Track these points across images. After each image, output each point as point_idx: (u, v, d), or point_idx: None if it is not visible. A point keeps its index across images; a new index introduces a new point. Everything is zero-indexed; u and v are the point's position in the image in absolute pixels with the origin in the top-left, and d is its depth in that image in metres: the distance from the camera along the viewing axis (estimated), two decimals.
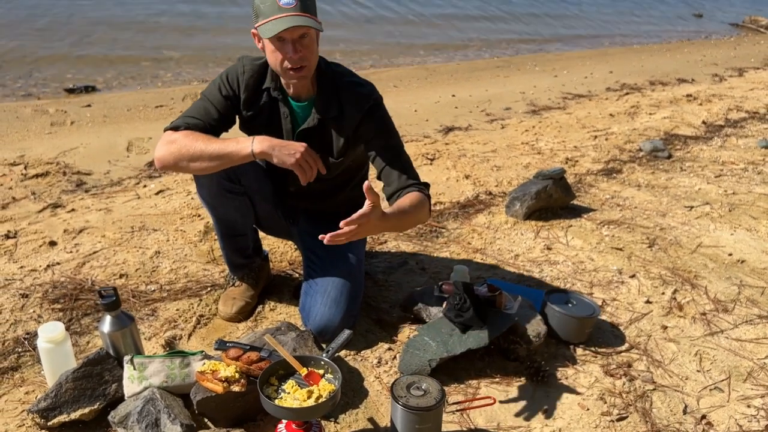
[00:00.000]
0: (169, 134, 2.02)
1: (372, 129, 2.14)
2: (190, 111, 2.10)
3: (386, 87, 6.76)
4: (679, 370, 2.19)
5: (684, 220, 3.44)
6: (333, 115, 2.11)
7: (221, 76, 2.14)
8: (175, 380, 1.83)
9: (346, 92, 2.11)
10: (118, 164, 4.09)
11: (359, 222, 1.71)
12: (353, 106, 2.10)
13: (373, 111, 2.14)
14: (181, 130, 2.02)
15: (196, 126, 2.04)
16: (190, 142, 1.97)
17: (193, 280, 2.64)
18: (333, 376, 1.73)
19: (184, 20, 9.40)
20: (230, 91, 2.11)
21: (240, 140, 1.97)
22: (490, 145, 4.82)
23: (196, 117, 2.06)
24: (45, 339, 1.86)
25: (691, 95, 6.86)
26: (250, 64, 2.12)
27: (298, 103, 2.13)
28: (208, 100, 2.11)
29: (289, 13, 1.85)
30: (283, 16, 1.85)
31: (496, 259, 2.95)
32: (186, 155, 1.98)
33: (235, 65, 2.15)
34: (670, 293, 2.67)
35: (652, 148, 4.65)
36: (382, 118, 2.17)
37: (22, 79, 6.16)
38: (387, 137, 2.17)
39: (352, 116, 2.11)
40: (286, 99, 2.12)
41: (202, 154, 1.96)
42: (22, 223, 3.11)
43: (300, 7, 1.86)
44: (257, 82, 2.11)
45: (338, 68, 2.18)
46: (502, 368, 2.14)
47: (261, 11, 1.89)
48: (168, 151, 1.99)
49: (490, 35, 10.87)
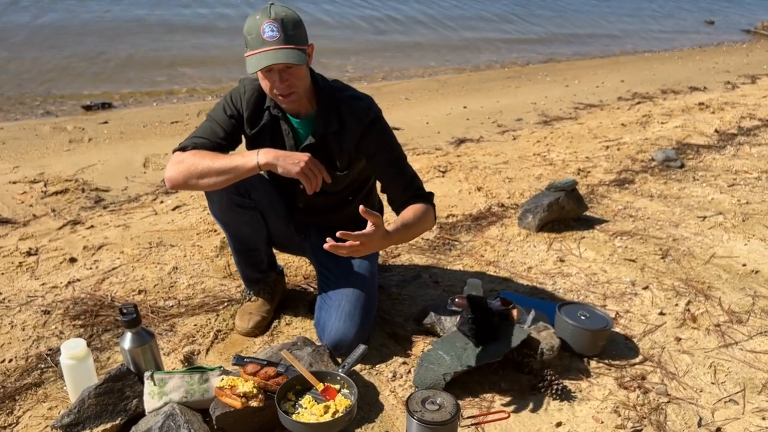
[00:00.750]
0: (177, 155, 2.08)
1: (373, 143, 2.19)
2: (196, 132, 2.16)
3: (398, 100, 6.83)
4: (693, 383, 2.19)
5: (697, 231, 3.44)
6: (334, 130, 2.15)
7: (225, 98, 2.20)
8: (195, 395, 1.87)
9: (345, 106, 2.16)
10: (135, 180, 4.16)
11: (360, 239, 1.77)
12: (353, 119, 2.15)
13: (374, 124, 2.18)
14: (188, 150, 2.08)
15: (203, 145, 2.10)
16: (198, 160, 2.02)
17: (210, 296, 2.69)
18: (349, 390, 1.76)
19: (199, 36, 9.53)
20: (234, 111, 2.16)
21: (245, 153, 2.03)
22: (502, 156, 4.85)
23: (202, 137, 2.12)
24: (67, 356, 1.91)
25: (704, 103, 6.85)
26: (251, 84, 2.17)
27: (298, 120, 2.18)
28: (213, 120, 2.17)
29: (272, 47, 1.89)
30: (266, 50, 1.89)
31: (509, 272, 2.97)
32: (194, 173, 2.03)
33: (237, 87, 2.21)
34: (684, 305, 2.68)
35: (665, 157, 4.65)
36: (383, 130, 2.22)
37: (40, 97, 6.29)
38: (389, 151, 2.23)
39: (353, 130, 2.15)
40: (285, 117, 2.17)
41: (209, 170, 2.02)
42: (43, 240, 3.17)
43: (283, 39, 1.90)
44: (258, 101, 2.17)
45: (336, 84, 2.23)
46: (516, 381, 2.16)
47: (248, 42, 1.95)
48: (177, 170, 2.05)
49: (500, 45, 10.92)
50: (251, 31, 1.92)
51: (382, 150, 2.21)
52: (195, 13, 10.96)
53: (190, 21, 10.50)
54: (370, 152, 2.20)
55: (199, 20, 10.67)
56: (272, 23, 1.89)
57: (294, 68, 1.96)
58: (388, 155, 2.23)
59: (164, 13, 10.77)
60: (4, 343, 2.32)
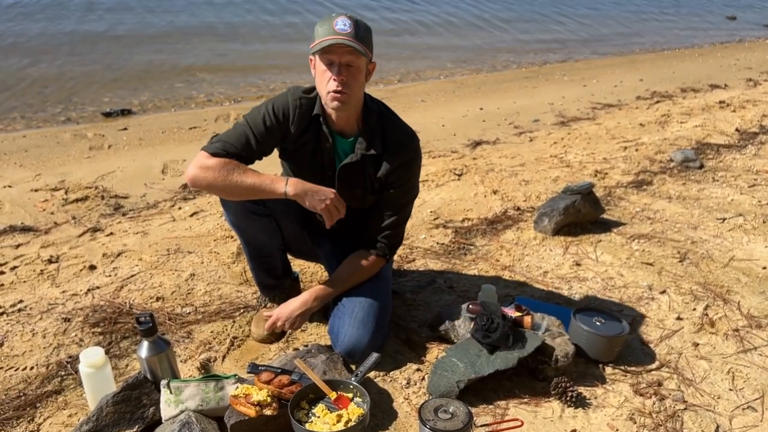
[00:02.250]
0: (205, 157, 2.06)
1: (399, 179, 2.22)
2: (229, 136, 2.11)
3: (414, 102, 6.83)
4: (711, 389, 2.17)
5: (716, 233, 3.40)
6: (375, 154, 2.17)
7: (267, 106, 2.14)
8: (210, 404, 1.89)
9: (390, 134, 2.19)
10: (154, 187, 4.21)
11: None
12: (395, 149, 2.18)
13: (411, 163, 2.23)
14: (219, 156, 2.07)
15: (234, 154, 2.08)
16: (226, 174, 2.03)
17: (226, 302, 2.71)
18: (361, 399, 1.77)
19: (217, 41, 9.61)
20: (274, 123, 2.12)
21: (274, 179, 2.05)
22: (519, 158, 4.83)
23: (235, 145, 2.09)
24: (86, 364, 1.94)
25: (724, 102, 6.75)
26: (305, 98, 2.14)
27: (343, 138, 2.19)
28: (249, 127, 2.12)
29: (342, 36, 1.93)
30: (335, 37, 1.93)
31: (524, 276, 2.96)
32: (219, 185, 2.05)
33: (283, 96, 2.16)
34: (702, 309, 2.65)
35: (684, 158, 4.60)
36: (414, 173, 2.27)
37: (61, 104, 6.38)
38: (403, 194, 2.28)
39: (392, 160, 2.18)
40: (332, 132, 2.18)
41: (236, 188, 2.04)
42: (64, 248, 3.23)
43: (353, 34, 1.95)
44: (309, 116, 2.15)
45: (384, 107, 2.24)
46: (531, 389, 2.15)
47: (318, 33, 1.98)
48: (202, 175, 2.06)
49: (517, 45, 10.87)
50: (324, 24, 1.97)
51: (399, 188, 2.25)
52: (216, 20, 11.06)
53: (209, 27, 10.59)
54: (390, 183, 2.23)
55: (219, 26, 10.75)
56: (347, 19, 1.97)
57: (354, 69, 1.99)
58: (400, 196, 2.28)
59: (185, 19, 10.87)
60: (25, 350, 2.37)
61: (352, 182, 2.23)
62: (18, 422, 2.01)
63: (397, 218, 2.31)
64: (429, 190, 4.10)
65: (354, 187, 2.24)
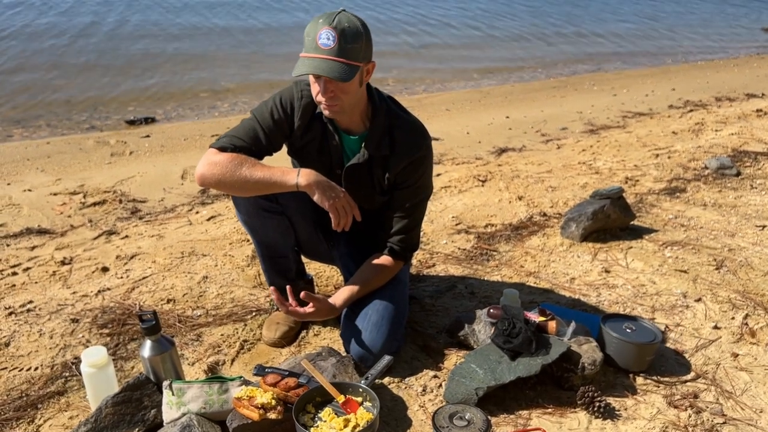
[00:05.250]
0: (213, 153, 1.99)
1: (410, 178, 2.13)
2: (237, 131, 2.05)
3: (438, 111, 6.73)
4: (752, 402, 2.00)
5: (755, 240, 3.22)
6: (383, 154, 2.08)
7: (274, 99, 2.08)
8: (213, 406, 1.79)
9: (399, 132, 2.08)
10: (172, 191, 4.17)
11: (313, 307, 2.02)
12: (405, 148, 2.08)
13: (422, 161, 2.13)
14: (227, 152, 2.00)
15: (243, 148, 2.00)
16: (235, 168, 1.95)
17: (238, 305, 2.63)
18: (371, 404, 1.66)
19: (242, 52, 9.66)
20: (281, 115, 2.06)
21: (285, 171, 1.96)
22: (545, 165, 4.68)
23: (243, 139, 2.02)
24: (88, 363, 1.86)
25: (761, 110, 6.52)
26: (308, 90, 2.05)
27: (350, 136, 2.10)
28: (257, 121, 2.05)
29: (322, 54, 1.81)
30: (314, 56, 1.82)
31: (550, 283, 2.82)
32: (229, 180, 1.97)
33: (289, 89, 2.09)
34: (741, 318, 2.48)
35: (719, 165, 4.41)
36: (426, 171, 2.17)
37: (86, 113, 6.43)
38: (416, 193, 2.18)
39: (401, 158, 2.08)
40: (338, 131, 2.09)
41: (246, 182, 1.95)
42: (78, 250, 3.18)
43: (336, 51, 1.81)
44: (313, 108, 2.07)
45: (393, 104, 2.14)
46: (555, 398, 2.01)
47: (304, 43, 1.88)
48: (210, 172, 1.98)
49: (545, 56, 10.72)
50: (310, 33, 1.85)
51: (410, 188, 2.15)
52: (240, 30, 11.15)
53: (235, 37, 10.67)
54: (400, 183, 2.14)
55: (244, 37, 10.83)
56: (330, 31, 1.81)
57: (340, 82, 1.88)
58: (412, 197, 2.17)
59: (215, 40, 10.98)
60: (31, 351, 2.31)
61: (359, 182, 2.13)
62: (18, 423, 1.94)
63: (411, 220, 2.21)
64: (451, 195, 3.99)
65: (362, 187, 2.14)
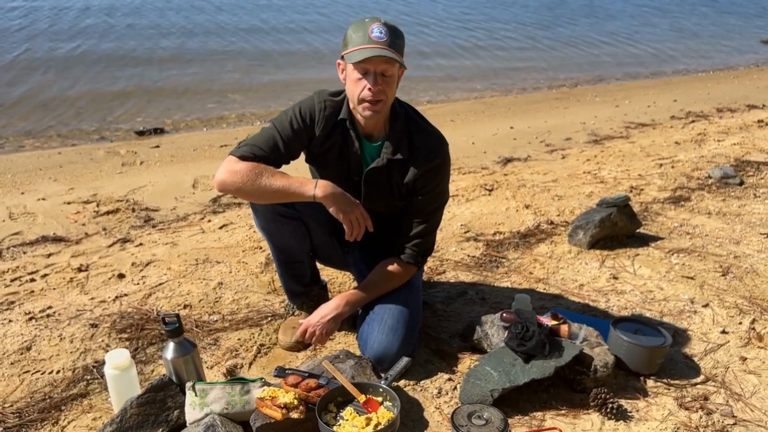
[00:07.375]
0: (233, 161, 2.05)
1: (428, 184, 2.18)
2: (257, 140, 2.10)
3: (443, 121, 6.78)
4: (761, 404, 2.05)
5: (760, 248, 3.27)
6: (402, 159, 2.13)
7: (294, 110, 2.13)
8: (236, 407, 1.84)
9: (418, 138, 2.14)
10: (184, 200, 4.22)
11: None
12: (423, 154, 2.13)
13: (440, 167, 2.18)
14: (247, 160, 2.05)
15: (262, 158, 2.06)
16: (254, 177, 2.00)
17: (254, 310, 2.67)
18: (392, 403, 1.70)
19: (249, 62, 9.74)
20: (301, 125, 2.11)
21: (303, 181, 2.02)
22: (551, 174, 4.74)
23: (262, 149, 2.07)
24: (111, 366, 1.91)
25: (763, 121, 6.58)
26: (331, 101, 2.12)
27: (370, 143, 2.16)
28: (277, 131, 2.10)
29: (378, 45, 1.91)
30: (372, 46, 1.91)
31: (559, 289, 2.86)
32: (248, 189, 2.02)
33: (310, 99, 2.14)
34: (748, 323, 2.52)
35: (722, 174, 4.46)
36: (443, 177, 2.22)
37: (96, 123, 6.49)
38: (433, 199, 2.23)
39: (419, 164, 2.13)
40: (358, 136, 2.15)
41: (265, 191, 2.01)
42: (94, 257, 3.23)
43: (389, 43, 1.93)
44: (335, 118, 2.12)
45: (411, 110, 2.21)
46: (568, 400, 2.05)
47: (351, 40, 1.95)
48: (231, 179, 2.03)
49: (548, 67, 10.80)
50: (358, 30, 1.94)
51: (428, 194, 2.20)
52: (248, 45, 11.24)
53: (243, 49, 10.77)
54: (419, 188, 2.18)
55: (248, 46, 10.92)
56: (382, 26, 1.94)
57: (389, 77, 1.97)
58: (429, 202, 2.23)
59: (220, 42, 11.08)
60: (52, 354, 2.35)
61: (378, 187, 2.18)
62: (42, 424, 1.98)
63: (427, 225, 2.25)
64: (459, 204, 4.04)
65: (380, 192, 2.19)
